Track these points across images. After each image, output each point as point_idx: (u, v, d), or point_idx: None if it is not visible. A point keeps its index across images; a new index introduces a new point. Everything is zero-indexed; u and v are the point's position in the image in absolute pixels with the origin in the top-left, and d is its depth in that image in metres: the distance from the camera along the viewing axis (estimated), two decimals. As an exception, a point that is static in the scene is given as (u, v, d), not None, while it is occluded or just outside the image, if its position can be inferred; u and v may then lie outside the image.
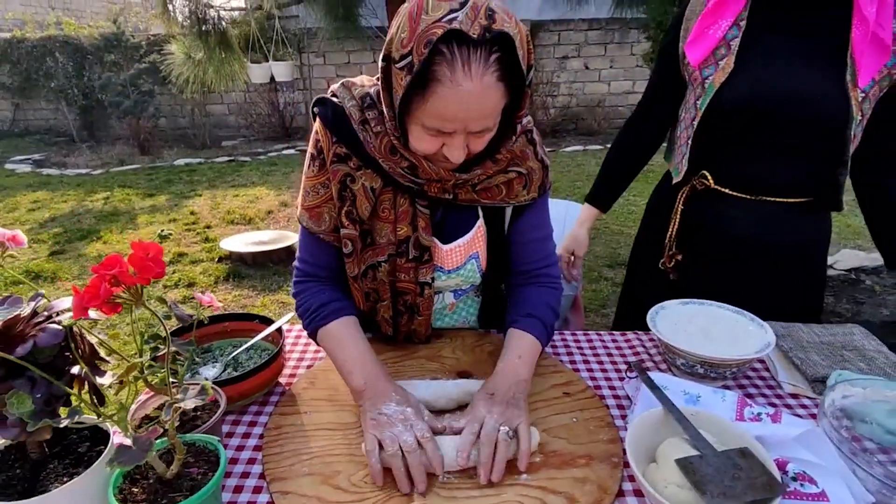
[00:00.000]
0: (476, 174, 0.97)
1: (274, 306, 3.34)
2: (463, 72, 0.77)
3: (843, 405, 0.89)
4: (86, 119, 8.36)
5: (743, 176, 1.20)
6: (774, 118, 1.12)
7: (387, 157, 0.95)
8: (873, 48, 1.04)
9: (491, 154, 0.96)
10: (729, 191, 1.22)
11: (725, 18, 1.13)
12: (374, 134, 0.95)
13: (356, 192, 0.99)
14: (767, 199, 1.19)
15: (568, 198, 5.26)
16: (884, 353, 1.07)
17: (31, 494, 0.63)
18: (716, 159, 1.22)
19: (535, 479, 0.81)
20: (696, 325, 1.08)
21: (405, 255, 1.03)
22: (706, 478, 0.71)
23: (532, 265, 1.13)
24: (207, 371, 1.01)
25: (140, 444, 0.60)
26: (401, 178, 0.97)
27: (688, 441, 0.78)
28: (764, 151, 1.16)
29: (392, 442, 0.81)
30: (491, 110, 0.84)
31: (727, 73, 1.14)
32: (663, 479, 0.73)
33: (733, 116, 1.15)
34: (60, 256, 4.08)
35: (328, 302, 1.04)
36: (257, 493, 0.80)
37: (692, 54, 1.17)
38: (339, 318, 1.02)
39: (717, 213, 1.25)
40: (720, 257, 1.28)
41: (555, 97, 7.93)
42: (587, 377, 1.07)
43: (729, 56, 1.14)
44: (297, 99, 8.28)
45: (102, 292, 0.50)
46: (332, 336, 1.01)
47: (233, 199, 5.40)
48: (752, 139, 1.16)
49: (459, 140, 0.86)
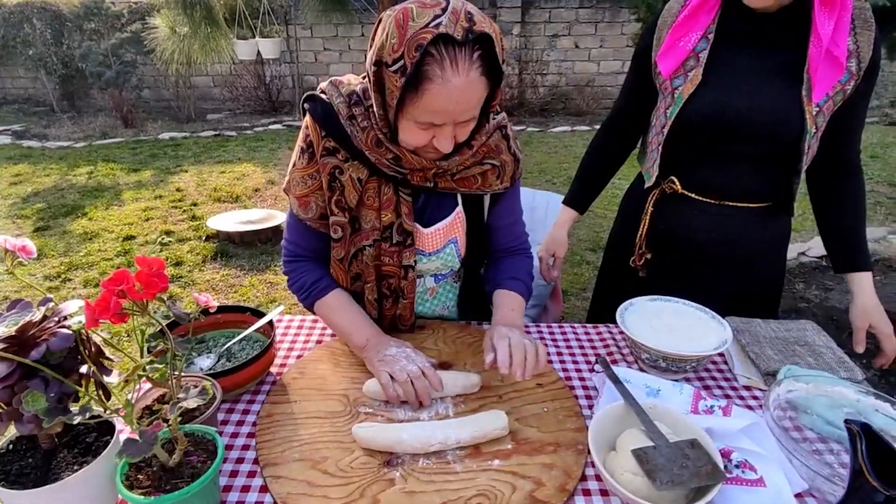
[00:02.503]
0: (455, 162, 1.05)
1: (262, 286, 3.39)
2: (452, 69, 0.86)
3: (787, 398, 0.98)
4: (66, 89, 8.17)
5: (707, 182, 1.27)
6: (736, 130, 1.18)
7: (373, 150, 1.03)
8: (828, 65, 1.09)
9: (468, 142, 1.04)
10: (695, 195, 1.28)
11: (695, 31, 1.18)
12: (361, 129, 1.03)
13: (344, 182, 1.07)
14: (730, 204, 1.27)
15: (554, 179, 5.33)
16: (832, 349, 1.15)
17: (44, 482, 0.69)
18: (683, 166, 1.28)
19: (507, 465, 0.89)
20: (662, 321, 1.15)
21: (389, 240, 1.11)
22: (657, 466, 0.79)
23: (508, 244, 1.28)
24: (202, 361, 1.07)
25: (146, 438, 0.66)
26: (386, 168, 1.05)
27: (644, 432, 0.86)
28: (726, 160, 1.23)
29: (401, 372, 0.99)
30: (476, 102, 0.94)
31: (695, 84, 1.19)
32: (620, 467, 0.82)
33: (699, 127, 1.21)
34: (45, 233, 4.07)
35: (321, 277, 1.17)
36: (251, 477, 0.87)
37: (663, 65, 1.21)
38: (333, 290, 1.17)
39: (683, 216, 1.32)
40: (686, 257, 1.35)
41: (544, 76, 7.91)
42: (559, 368, 1.15)
43: (697, 68, 1.19)
44: (283, 72, 8.16)
45: (113, 306, 0.56)
46: (331, 305, 1.16)
47: (219, 176, 5.38)
48: (716, 148, 1.22)
49: (448, 131, 0.95)
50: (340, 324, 1.15)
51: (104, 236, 4.02)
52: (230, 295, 3.30)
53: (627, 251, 1.43)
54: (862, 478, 0.53)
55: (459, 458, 0.90)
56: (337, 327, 1.17)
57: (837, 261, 1.28)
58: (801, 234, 4.03)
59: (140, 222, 4.26)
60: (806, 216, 4.42)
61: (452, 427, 0.92)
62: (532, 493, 0.83)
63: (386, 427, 0.93)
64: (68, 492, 0.69)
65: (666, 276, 1.35)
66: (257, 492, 0.84)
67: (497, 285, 1.22)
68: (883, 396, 0.93)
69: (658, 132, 1.29)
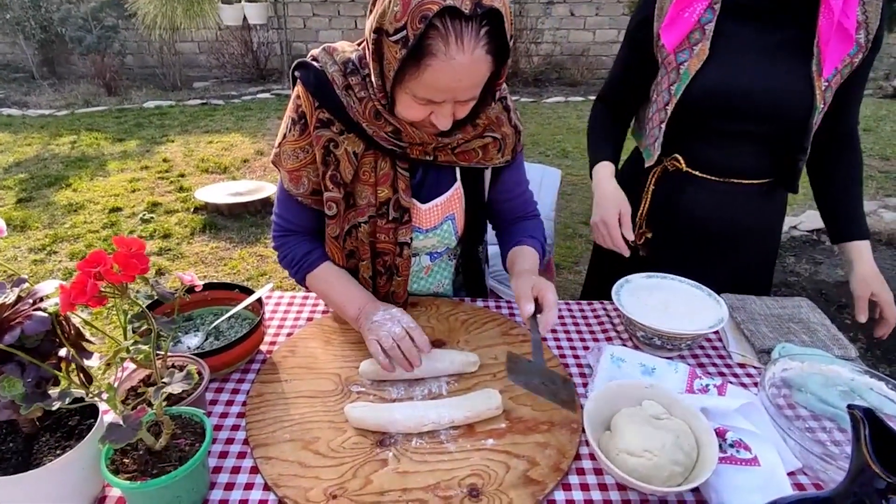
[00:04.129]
0: (456, 138, 1.01)
1: (252, 259, 3.35)
2: (456, 45, 0.81)
3: (782, 377, 0.98)
4: (45, 55, 7.88)
5: (711, 159, 1.24)
6: (743, 108, 1.15)
7: (371, 122, 0.98)
8: (838, 38, 1.05)
9: (471, 119, 1.01)
10: (699, 173, 1.26)
11: (699, 1, 1.13)
12: (358, 99, 0.98)
13: (339, 156, 1.02)
14: (734, 181, 1.24)
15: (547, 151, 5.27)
16: (826, 326, 1.15)
17: (25, 468, 0.67)
18: (686, 143, 1.25)
19: (501, 445, 0.88)
20: (657, 299, 1.14)
21: (385, 217, 1.08)
22: (520, 370, 0.93)
23: (519, 213, 1.27)
24: (190, 340, 1.05)
25: (130, 423, 0.64)
26: (384, 141, 1.00)
27: (639, 411, 0.86)
28: (733, 138, 1.20)
29: (387, 337, 0.97)
30: (479, 81, 0.89)
31: (702, 60, 1.14)
32: (615, 448, 0.81)
33: (706, 104, 1.17)
34: (28, 204, 3.97)
35: (311, 250, 1.14)
36: (241, 458, 0.85)
37: (667, 38, 1.16)
38: (324, 263, 1.14)
39: (686, 194, 1.29)
40: (687, 235, 1.33)
41: (538, 44, 7.74)
42: (554, 346, 1.14)
43: (704, 42, 1.14)
44: (271, 38, 7.92)
45: (89, 288, 0.53)
46: (322, 278, 1.14)
47: (207, 146, 5.26)
48: (722, 125, 1.19)
49: (447, 108, 0.91)
50: (333, 296, 1.12)
51: (90, 208, 3.93)
52: (220, 268, 3.26)
53: None
54: (864, 464, 0.52)
55: (453, 437, 0.89)
56: (330, 300, 1.14)
57: (834, 231, 1.26)
58: (793, 208, 4.04)
59: (126, 194, 4.18)
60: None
61: (446, 406, 0.91)
62: (526, 472, 0.83)
63: (378, 407, 0.92)
64: (51, 477, 0.67)
65: (664, 252, 1.33)
66: (248, 473, 0.83)
67: (518, 242, 1.20)
68: (877, 375, 0.93)
69: (660, 108, 1.25)
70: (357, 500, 0.77)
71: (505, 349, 1.09)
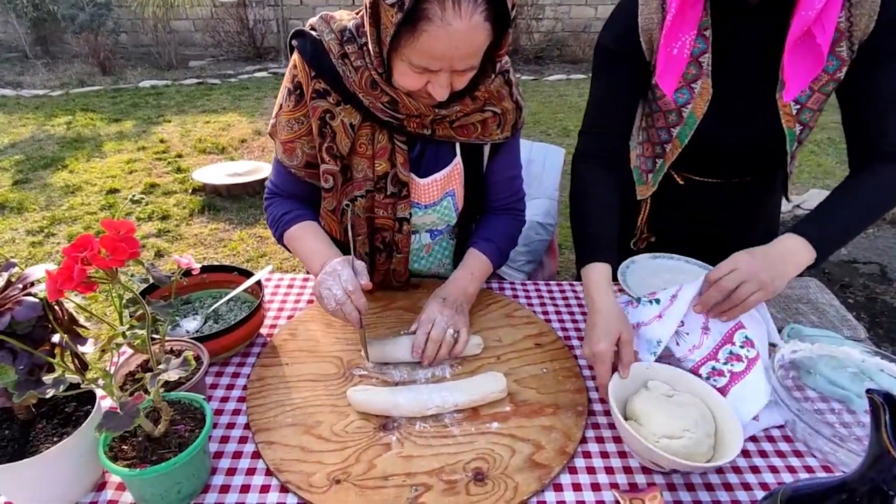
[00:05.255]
0: (455, 110, 0.99)
1: (252, 240, 3.33)
2: (453, 11, 0.79)
3: (792, 359, 0.96)
4: (38, 33, 7.75)
5: (705, 172, 1.20)
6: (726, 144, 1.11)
7: (367, 92, 0.96)
8: (802, 55, 0.93)
9: (470, 91, 0.98)
10: (698, 178, 1.21)
11: (687, 32, 0.99)
12: (354, 68, 0.95)
13: (336, 128, 1.00)
14: (733, 181, 1.20)
15: (549, 130, 5.21)
16: (835, 307, 1.13)
17: (22, 456, 0.65)
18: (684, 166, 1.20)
19: (506, 428, 0.87)
20: (662, 279, 1.12)
21: (383, 191, 1.06)
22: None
23: (502, 201, 1.21)
24: (188, 324, 1.03)
25: (127, 411, 0.62)
26: (381, 112, 0.98)
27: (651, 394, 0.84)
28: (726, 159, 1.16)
29: (329, 299, 0.93)
30: (477, 50, 0.86)
31: (707, 101, 1.04)
32: (653, 436, 0.78)
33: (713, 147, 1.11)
34: (25, 186, 3.93)
35: (290, 210, 1.13)
36: (243, 443, 0.84)
37: (665, 85, 1.03)
38: (299, 223, 1.11)
39: (687, 197, 1.24)
40: (690, 235, 1.29)
41: (539, 21, 7.60)
42: (558, 328, 1.12)
43: (703, 78, 1.03)
44: (267, 16, 7.77)
45: (76, 274, 0.50)
46: (294, 237, 1.11)
47: (204, 127, 5.20)
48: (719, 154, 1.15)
49: (444, 78, 0.88)
50: (301, 252, 1.09)
51: (87, 189, 3.90)
52: (219, 249, 3.24)
53: (627, 234, 1.35)
54: (884, 450, 0.50)
55: (457, 421, 0.88)
56: (301, 258, 1.11)
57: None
58: (797, 187, 4.00)
59: (123, 175, 4.13)
60: (801, 168, 4.37)
61: (450, 390, 0.90)
62: (532, 456, 0.82)
63: (381, 390, 0.91)
64: (48, 465, 0.66)
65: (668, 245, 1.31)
66: (249, 458, 0.81)
67: (473, 242, 1.18)
68: (888, 356, 0.91)
69: (656, 142, 1.17)
70: (361, 485, 0.76)
71: (509, 331, 1.08)
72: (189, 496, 0.74)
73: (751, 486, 0.79)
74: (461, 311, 1.04)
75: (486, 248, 1.16)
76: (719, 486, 0.79)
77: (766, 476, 0.81)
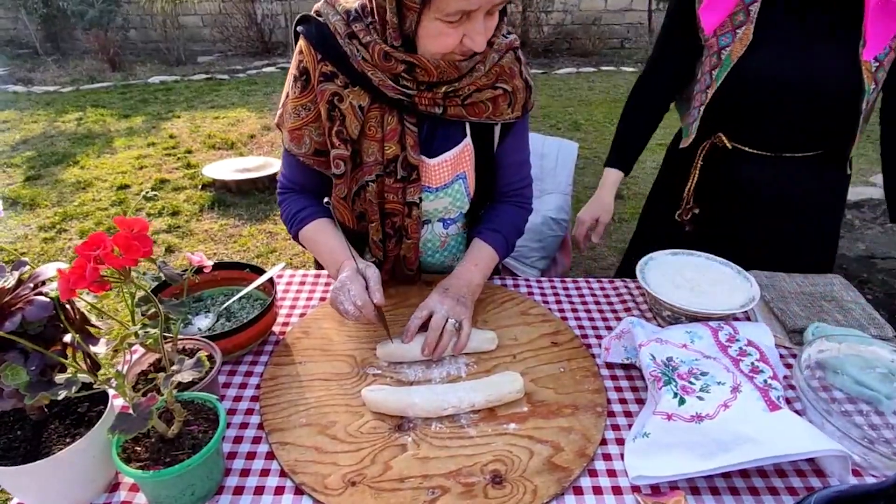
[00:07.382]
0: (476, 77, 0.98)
1: (262, 236, 3.32)
2: None
3: (818, 358, 0.93)
4: (48, 30, 7.80)
5: (757, 138, 1.19)
6: (791, 93, 1.09)
7: (380, 65, 0.94)
8: (886, 14, 0.98)
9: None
10: (747, 148, 1.20)
11: None
12: (364, 45, 0.94)
13: (344, 111, 0.99)
14: (785, 155, 1.19)
15: (559, 124, 5.16)
16: (861, 305, 1.10)
17: (34, 457, 0.64)
18: (730, 123, 1.20)
19: (523, 429, 0.85)
20: (684, 277, 1.09)
21: (393, 175, 1.04)
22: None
23: (509, 186, 1.19)
24: (200, 321, 1.02)
25: (140, 412, 0.61)
26: (391, 90, 0.96)
27: None
28: (778, 120, 1.14)
29: (343, 313, 0.96)
30: None
31: (745, 45, 1.07)
32: None
33: (747, 91, 1.11)
34: (37, 182, 3.96)
35: (305, 207, 1.12)
36: (257, 443, 0.83)
37: (707, 18, 1.08)
38: (314, 220, 1.11)
39: (736, 169, 1.24)
40: (737, 211, 1.28)
41: (549, 13, 7.53)
42: (575, 326, 1.10)
43: (748, 24, 1.07)
44: (275, 10, 7.76)
45: (89, 273, 0.49)
46: (309, 237, 1.12)
47: (213, 122, 5.20)
48: (766, 110, 1.14)
49: (480, 24, 0.87)
50: (319, 254, 1.11)
51: (98, 185, 3.91)
52: (230, 245, 3.24)
53: (672, 205, 1.35)
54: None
55: (473, 421, 0.86)
56: (318, 258, 1.12)
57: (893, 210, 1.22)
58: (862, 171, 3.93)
59: (133, 171, 4.15)
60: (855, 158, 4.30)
61: (466, 390, 0.88)
62: (550, 458, 0.80)
63: (397, 390, 0.89)
64: (61, 466, 0.65)
65: (714, 230, 1.29)
66: (263, 458, 0.80)
67: (478, 232, 1.16)
68: (919, 356, 0.89)
69: (702, 90, 1.19)
70: (376, 487, 0.75)
71: (524, 329, 1.06)
72: (203, 498, 0.73)
73: (777, 490, 0.77)
74: (462, 302, 1.02)
75: (491, 237, 1.14)
76: (744, 489, 0.77)
77: (794, 480, 0.79)
